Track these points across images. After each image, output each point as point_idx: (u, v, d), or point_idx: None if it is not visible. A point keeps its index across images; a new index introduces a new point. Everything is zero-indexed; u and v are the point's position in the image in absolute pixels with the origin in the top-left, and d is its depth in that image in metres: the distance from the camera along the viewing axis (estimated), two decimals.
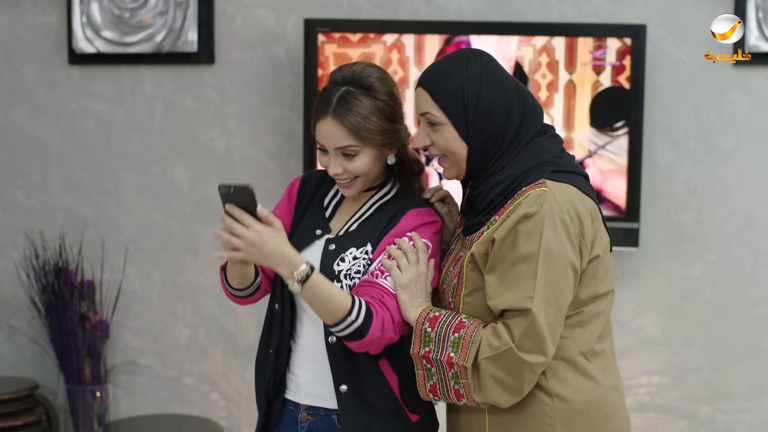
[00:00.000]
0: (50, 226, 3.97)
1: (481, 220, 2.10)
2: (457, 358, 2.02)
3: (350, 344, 2.10)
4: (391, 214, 2.18)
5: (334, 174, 2.15)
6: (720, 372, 3.77)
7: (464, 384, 2.03)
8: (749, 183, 3.71)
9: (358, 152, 2.13)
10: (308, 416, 2.22)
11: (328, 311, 2.06)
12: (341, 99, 2.12)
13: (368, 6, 3.78)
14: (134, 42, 3.86)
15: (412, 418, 2.20)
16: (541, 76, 3.58)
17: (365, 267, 2.15)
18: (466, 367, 2.01)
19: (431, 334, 2.05)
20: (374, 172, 2.19)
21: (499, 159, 2.08)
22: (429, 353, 2.05)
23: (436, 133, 2.10)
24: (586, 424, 2.08)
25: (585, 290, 2.07)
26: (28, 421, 3.81)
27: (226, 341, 3.97)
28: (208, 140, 3.91)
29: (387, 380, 2.18)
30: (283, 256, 2.03)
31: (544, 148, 2.10)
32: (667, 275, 3.76)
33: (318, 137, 2.16)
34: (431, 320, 2.07)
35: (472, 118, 2.07)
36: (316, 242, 2.19)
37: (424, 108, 2.10)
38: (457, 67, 2.09)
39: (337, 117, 2.11)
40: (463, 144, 2.09)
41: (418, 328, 2.07)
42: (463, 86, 2.07)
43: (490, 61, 2.12)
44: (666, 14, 3.68)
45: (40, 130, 3.97)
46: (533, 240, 1.99)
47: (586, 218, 2.05)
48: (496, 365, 2.00)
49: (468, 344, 2.01)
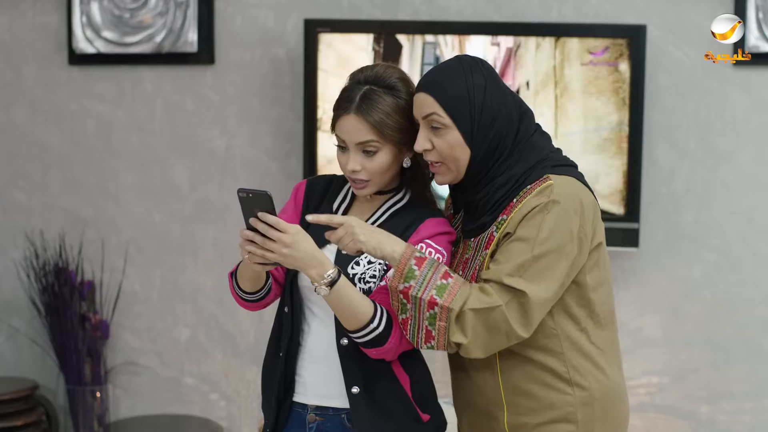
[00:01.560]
0: (50, 226, 3.97)
1: (486, 220, 2.13)
2: (441, 300, 2.03)
3: (368, 351, 2.10)
4: (408, 222, 2.18)
5: (352, 170, 2.16)
6: (720, 372, 3.77)
7: (440, 327, 2.04)
8: (749, 183, 3.72)
9: (378, 149, 2.14)
10: (316, 417, 2.21)
11: (352, 317, 2.06)
12: (364, 96, 2.14)
13: (368, 6, 3.78)
14: (134, 42, 3.86)
15: (424, 418, 2.21)
16: (541, 76, 3.58)
17: (380, 272, 2.16)
18: (451, 308, 2.02)
19: (416, 272, 2.05)
20: (390, 173, 2.19)
21: (500, 164, 2.12)
22: (408, 289, 2.05)
23: (439, 137, 2.11)
24: (602, 409, 2.16)
25: (591, 276, 2.13)
26: (28, 421, 3.80)
27: (226, 341, 3.97)
28: (208, 140, 3.91)
29: (399, 381, 2.18)
30: (314, 258, 2.03)
31: (539, 145, 2.15)
32: (667, 275, 3.76)
33: (339, 133, 2.17)
34: (417, 259, 2.06)
35: (477, 123, 2.10)
36: (328, 247, 2.19)
37: (429, 110, 2.11)
38: (462, 72, 2.12)
39: (361, 113, 2.13)
40: (466, 149, 2.11)
41: (403, 263, 2.05)
42: (469, 92, 2.10)
43: (491, 69, 2.16)
44: (666, 14, 3.68)
45: (40, 131, 3.97)
46: (533, 225, 2.05)
47: (589, 209, 2.11)
48: (479, 318, 2.02)
49: (456, 291, 2.03)
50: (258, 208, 2.03)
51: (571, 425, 2.14)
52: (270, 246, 2.03)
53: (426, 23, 3.67)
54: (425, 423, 2.21)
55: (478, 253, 2.14)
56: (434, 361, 2.52)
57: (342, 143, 2.18)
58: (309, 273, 2.05)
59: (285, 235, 2.02)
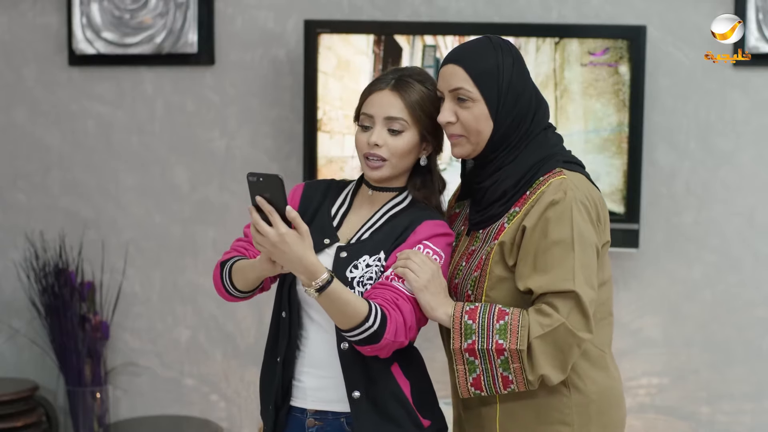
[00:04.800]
0: (50, 227, 3.97)
1: (497, 212, 2.14)
2: (507, 343, 2.04)
3: (362, 348, 2.09)
4: (405, 224, 2.18)
5: (374, 143, 2.16)
6: (720, 373, 3.77)
7: (516, 368, 2.05)
8: (749, 184, 3.71)
9: (404, 129, 2.16)
10: (316, 421, 2.21)
11: (344, 317, 2.05)
12: (400, 79, 2.18)
13: (368, 7, 3.78)
14: (134, 43, 3.86)
15: (425, 423, 2.20)
16: (541, 77, 3.58)
17: (378, 274, 2.15)
18: (520, 350, 2.03)
19: (473, 326, 2.06)
20: (407, 161, 2.20)
21: (512, 149, 2.14)
22: (473, 345, 2.06)
23: (465, 109, 2.14)
24: (598, 411, 2.16)
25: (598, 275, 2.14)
26: (28, 422, 3.80)
27: (226, 342, 3.97)
28: (208, 141, 3.91)
29: (400, 386, 2.18)
30: (303, 263, 2.01)
31: (552, 141, 2.18)
32: (667, 276, 3.76)
33: (368, 108, 2.19)
34: (469, 312, 2.08)
35: (504, 98, 2.13)
36: (326, 250, 2.18)
37: (457, 83, 2.13)
38: (492, 49, 2.16)
39: (397, 90, 2.17)
40: (490, 123, 2.13)
41: (457, 323, 2.07)
42: (498, 68, 2.14)
43: (518, 52, 2.20)
44: (666, 15, 3.68)
45: (41, 132, 3.98)
46: (564, 225, 2.05)
47: (599, 206, 2.14)
48: (547, 342, 2.03)
49: (517, 328, 2.04)
50: (267, 194, 1.99)
51: (566, 427, 2.14)
52: (257, 238, 2.01)
53: (426, 24, 3.67)
54: (426, 428, 2.20)
55: (486, 244, 2.14)
56: (434, 361, 2.52)
57: (367, 121, 2.18)
58: (299, 276, 2.05)
59: (273, 231, 1.99)
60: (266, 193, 1.98)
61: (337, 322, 2.08)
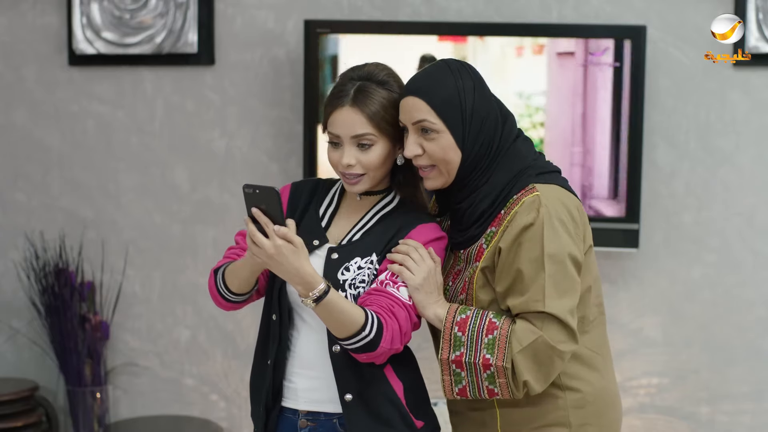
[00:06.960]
0: (50, 227, 3.97)
1: (475, 233, 2.14)
2: (494, 359, 2.05)
3: (358, 356, 2.09)
4: (398, 227, 2.17)
5: (346, 165, 2.13)
6: (720, 373, 3.77)
7: (501, 383, 2.06)
8: (749, 184, 3.71)
9: (373, 142, 2.13)
10: (308, 422, 2.20)
11: (341, 326, 2.05)
12: (359, 90, 2.13)
13: (368, 7, 3.78)
14: (134, 43, 3.86)
15: (418, 424, 2.20)
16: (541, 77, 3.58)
17: (370, 277, 2.14)
18: (505, 367, 2.04)
19: (462, 338, 2.07)
20: (384, 169, 2.18)
21: (482, 172, 2.12)
22: (461, 357, 2.07)
23: (430, 141, 2.11)
24: (595, 411, 2.17)
25: (583, 280, 2.13)
26: (28, 422, 3.81)
27: (226, 342, 3.97)
28: (208, 141, 3.91)
29: (393, 387, 2.17)
30: (300, 274, 2.01)
31: (522, 152, 2.15)
32: (667, 276, 3.76)
33: (333, 128, 2.15)
34: (460, 324, 2.08)
35: (469, 126, 2.10)
36: (317, 252, 2.17)
37: (420, 116, 2.10)
38: (451, 75, 2.12)
39: (357, 105, 2.12)
40: (458, 152, 2.11)
41: (447, 333, 2.08)
42: (459, 95, 2.10)
43: (476, 71, 2.17)
44: (666, 15, 3.68)
45: (41, 132, 3.98)
46: (534, 246, 2.05)
47: (576, 214, 2.13)
48: (527, 356, 2.04)
49: (504, 344, 2.04)
50: (263, 206, 2.00)
51: (563, 429, 2.15)
52: (254, 251, 2.02)
53: (426, 24, 3.67)
54: (419, 429, 2.20)
55: (469, 266, 2.15)
56: (430, 360, 2.52)
57: (335, 139, 2.15)
58: (295, 287, 2.05)
59: (269, 243, 1.99)
60: (262, 204, 1.99)
61: (333, 330, 2.07)
